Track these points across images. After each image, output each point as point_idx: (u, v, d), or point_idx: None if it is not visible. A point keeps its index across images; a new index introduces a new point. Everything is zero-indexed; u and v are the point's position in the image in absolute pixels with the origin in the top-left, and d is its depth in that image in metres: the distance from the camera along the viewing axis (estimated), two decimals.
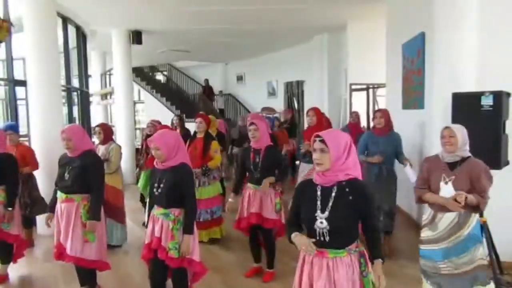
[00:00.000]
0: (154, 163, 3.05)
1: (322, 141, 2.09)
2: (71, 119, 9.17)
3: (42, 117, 5.68)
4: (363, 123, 9.18)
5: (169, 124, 8.79)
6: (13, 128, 5.00)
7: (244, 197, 4.11)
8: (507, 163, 3.79)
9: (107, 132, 4.90)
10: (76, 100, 9.95)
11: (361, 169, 2.23)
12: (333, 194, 2.12)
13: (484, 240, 3.29)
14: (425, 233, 3.13)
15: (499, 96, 3.65)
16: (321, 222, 2.10)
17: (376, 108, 8.54)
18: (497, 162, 3.68)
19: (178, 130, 7.59)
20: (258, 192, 3.98)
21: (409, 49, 5.69)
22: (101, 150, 4.79)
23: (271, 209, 3.94)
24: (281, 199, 4.08)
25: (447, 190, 2.97)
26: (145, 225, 3.27)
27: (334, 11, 8.42)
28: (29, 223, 5.08)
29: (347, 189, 2.10)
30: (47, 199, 4.46)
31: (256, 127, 3.94)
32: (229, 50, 13.93)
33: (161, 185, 2.97)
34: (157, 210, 3.04)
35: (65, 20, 8.56)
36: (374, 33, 8.42)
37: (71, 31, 9.26)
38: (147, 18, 9.02)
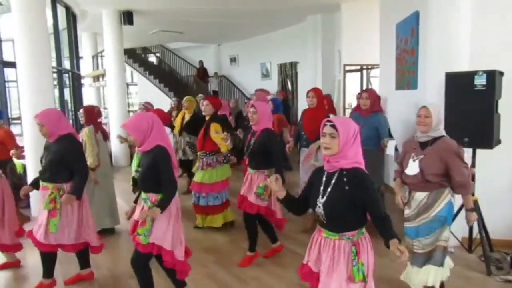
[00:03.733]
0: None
1: (333, 126, 2.11)
2: (62, 101, 9.09)
3: (33, 99, 5.60)
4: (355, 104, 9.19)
5: (166, 106, 8.81)
6: None
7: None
8: (499, 142, 3.82)
9: (88, 115, 4.74)
10: (67, 82, 9.85)
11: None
12: (333, 181, 2.16)
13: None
14: (406, 211, 3.20)
15: (492, 75, 3.65)
16: (319, 207, 2.17)
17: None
18: (489, 141, 3.71)
19: (175, 113, 7.58)
20: (250, 174, 3.96)
21: (403, 28, 5.64)
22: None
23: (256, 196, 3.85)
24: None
25: (412, 167, 3.03)
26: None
27: None
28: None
29: (345, 179, 2.13)
30: None
31: (254, 110, 3.83)
32: (222, 31, 13.76)
33: (139, 169, 2.95)
34: (142, 194, 3.02)
35: (54, 0, 8.41)
36: (368, 13, 8.34)
37: (61, 11, 9.12)
38: None
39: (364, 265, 2.17)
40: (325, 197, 2.15)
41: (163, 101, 9.90)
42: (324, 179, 2.20)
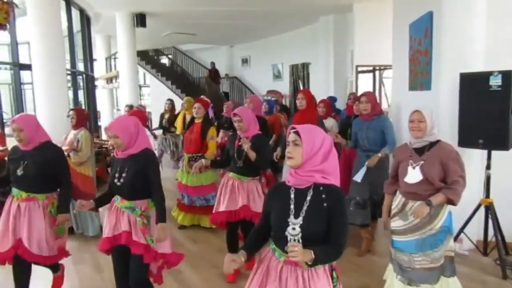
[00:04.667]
0: (114, 152, 2.83)
1: (297, 133, 1.91)
2: (76, 102, 9.21)
3: (48, 100, 5.71)
4: None
5: (178, 107, 8.90)
6: None
7: (222, 185, 3.78)
8: None
9: (80, 117, 4.71)
10: (81, 84, 9.98)
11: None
12: (308, 197, 1.90)
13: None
14: (396, 223, 2.95)
15: (508, 76, 3.59)
16: (293, 228, 1.88)
17: (383, 91, 8.49)
18: (504, 143, 3.66)
19: (167, 115, 7.72)
20: (244, 183, 3.68)
21: (416, 29, 5.58)
22: (69, 136, 4.70)
23: (259, 203, 3.60)
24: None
25: (413, 175, 2.84)
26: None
27: None
28: None
29: (323, 195, 1.88)
30: None
31: (239, 118, 3.64)
32: (234, 33, 13.80)
33: (123, 175, 2.69)
34: (121, 203, 2.76)
35: (69, 3, 8.52)
36: (380, 14, 8.28)
37: (75, 14, 9.25)
38: (151, 0, 8.93)
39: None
40: (300, 217, 1.88)
41: (175, 102, 9.95)
42: (292, 196, 1.93)
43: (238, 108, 3.82)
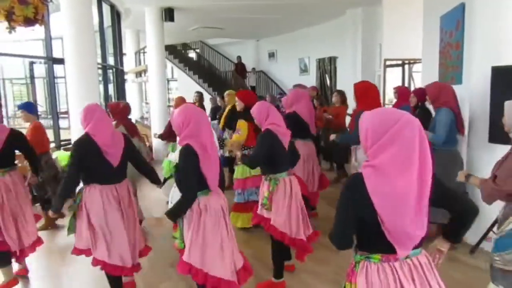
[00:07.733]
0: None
1: None
2: (107, 96, 9.43)
3: (79, 94, 5.87)
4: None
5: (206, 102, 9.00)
6: (27, 107, 4.88)
7: None
8: None
9: (113, 112, 4.88)
10: (111, 77, 10.22)
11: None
12: None
13: None
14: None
15: None
16: None
17: (412, 85, 8.32)
18: None
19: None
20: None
21: (447, 21, 5.44)
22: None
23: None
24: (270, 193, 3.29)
25: None
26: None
27: None
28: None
29: None
30: None
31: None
32: (261, 27, 13.79)
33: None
34: None
35: None
36: (410, 6, 8.09)
37: (106, 9, 9.45)
38: None
39: None
40: None
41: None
42: None
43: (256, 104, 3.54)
